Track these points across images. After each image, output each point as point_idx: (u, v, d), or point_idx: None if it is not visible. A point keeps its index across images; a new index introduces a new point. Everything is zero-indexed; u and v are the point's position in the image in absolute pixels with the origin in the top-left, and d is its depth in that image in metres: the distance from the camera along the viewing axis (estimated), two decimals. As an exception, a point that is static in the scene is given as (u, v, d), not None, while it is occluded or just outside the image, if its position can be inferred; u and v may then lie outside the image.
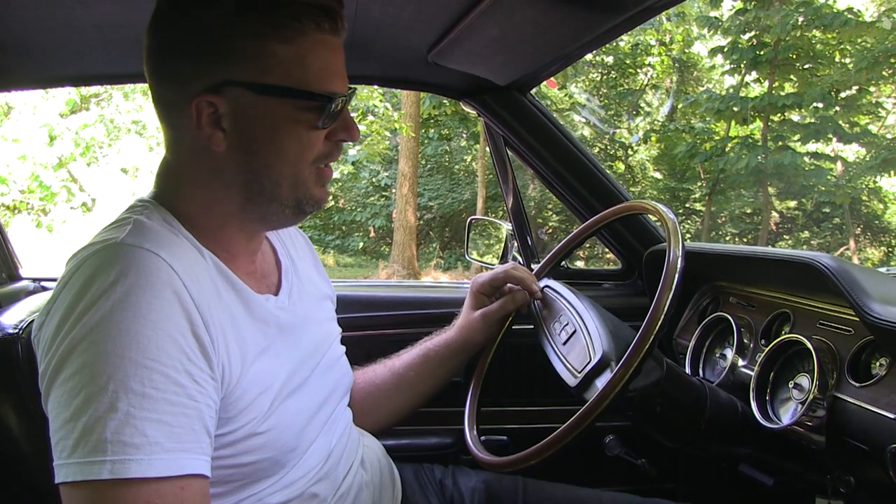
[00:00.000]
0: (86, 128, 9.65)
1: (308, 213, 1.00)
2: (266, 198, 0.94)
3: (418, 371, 1.38)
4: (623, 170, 16.09)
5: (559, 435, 1.02)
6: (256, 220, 0.98)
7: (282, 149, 0.91)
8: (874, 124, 14.27)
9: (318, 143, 0.94)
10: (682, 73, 16.27)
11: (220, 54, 0.88)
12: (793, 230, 16.14)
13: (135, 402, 0.75)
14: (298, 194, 0.95)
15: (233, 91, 0.88)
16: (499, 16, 1.24)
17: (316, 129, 0.92)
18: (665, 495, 1.36)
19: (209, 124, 0.89)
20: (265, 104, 0.89)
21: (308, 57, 0.89)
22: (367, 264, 15.24)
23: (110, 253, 0.83)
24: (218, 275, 0.93)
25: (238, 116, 0.89)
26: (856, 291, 1.09)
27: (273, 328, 1.00)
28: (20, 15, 1.27)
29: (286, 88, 0.89)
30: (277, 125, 0.90)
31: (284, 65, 0.88)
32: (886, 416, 1.07)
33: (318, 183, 0.97)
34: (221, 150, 0.91)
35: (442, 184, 16.29)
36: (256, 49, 0.87)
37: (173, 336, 0.80)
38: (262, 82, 0.88)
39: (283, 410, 0.95)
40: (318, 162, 0.96)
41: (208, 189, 0.94)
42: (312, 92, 0.90)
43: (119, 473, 0.73)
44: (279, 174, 0.93)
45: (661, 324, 1.00)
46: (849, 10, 12.07)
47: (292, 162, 0.93)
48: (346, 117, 0.96)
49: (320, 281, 1.23)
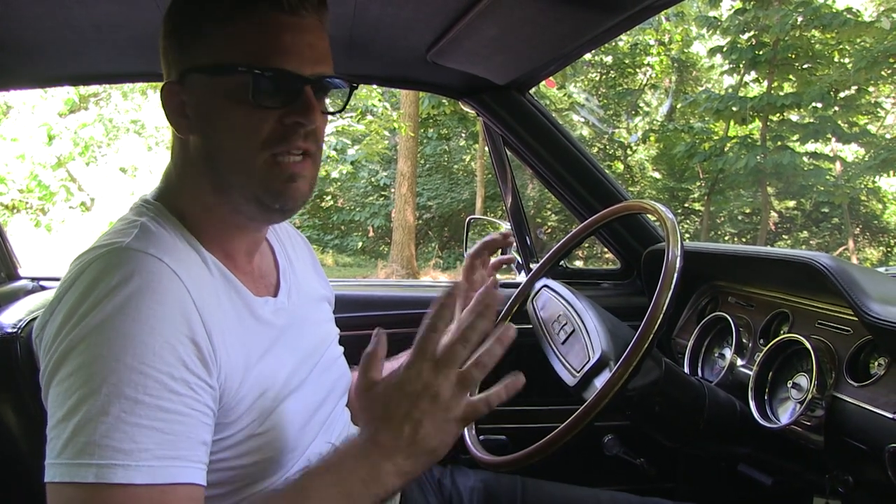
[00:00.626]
0: (84, 127, 9.64)
1: (277, 210, 0.95)
2: (227, 185, 0.94)
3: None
4: (622, 169, 16.08)
5: (558, 434, 1.02)
6: (231, 211, 0.96)
7: (228, 128, 0.91)
8: (873, 124, 14.26)
9: (265, 123, 0.90)
10: (681, 73, 16.25)
11: (181, 43, 0.92)
12: (792, 230, 16.13)
13: (127, 407, 0.75)
14: (254, 185, 0.92)
15: (191, 77, 0.92)
16: (497, 15, 1.24)
17: (261, 108, 0.89)
18: (664, 495, 1.36)
19: (176, 113, 0.93)
20: (211, 85, 0.90)
21: (251, 35, 0.88)
22: (365, 264, 15.22)
23: (116, 257, 0.83)
24: (221, 278, 0.94)
25: (195, 102, 0.92)
26: (854, 291, 1.09)
27: (273, 330, 1.00)
28: (19, 14, 1.27)
29: (222, 66, 0.89)
30: (222, 104, 0.90)
31: (229, 45, 0.89)
32: (885, 415, 1.07)
33: (278, 175, 0.92)
34: (188, 138, 0.94)
35: (441, 183, 16.27)
36: (206, 33, 0.89)
37: (171, 343, 0.79)
38: (207, 64, 0.90)
39: (281, 411, 0.95)
40: (270, 147, 0.91)
41: (191, 180, 0.96)
42: (244, 65, 0.88)
43: (104, 478, 0.73)
44: (230, 158, 0.92)
45: (659, 323, 1.00)
46: (848, 10, 12.05)
47: (240, 144, 0.91)
48: (303, 100, 0.91)
49: (318, 282, 1.22)
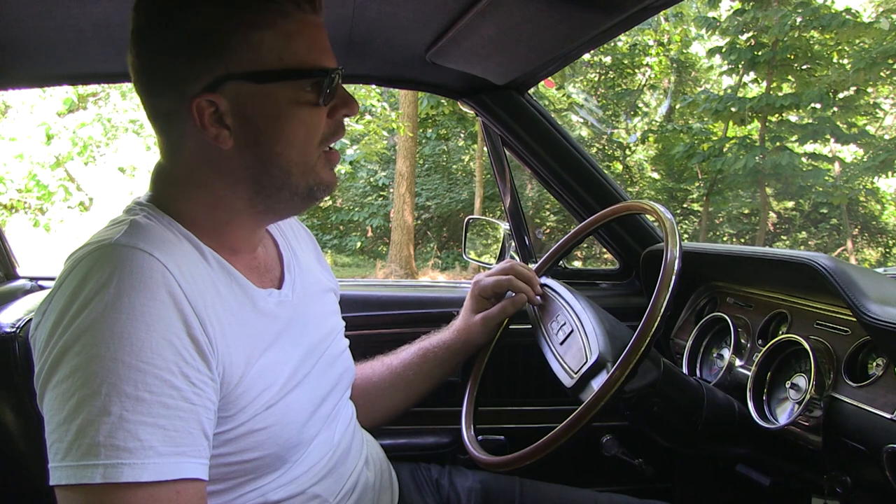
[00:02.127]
0: (83, 127, 9.64)
1: (319, 200, 1.00)
2: (276, 187, 0.94)
3: (416, 371, 1.39)
4: (621, 170, 16.08)
5: (556, 435, 1.02)
6: (264, 211, 0.98)
7: (288, 134, 0.91)
8: (872, 125, 14.28)
9: (321, 122, 0.94)
10: (680, 74, 16.26)
11: (210, 52, 0.87)
12: (790, 231, 16.14)
13: (128, 405, 0.75)
14: (309, 180, 0.95)
15: (230, 86, 0.88)
16: (496, 15, 1.24)
17: (317, 107, 0.92)
18: (662, 495, 1.36)
19: (212, 124, 0.89)
20: (264, 92, 0.89)
21: (294, 37, 0.89)
22: (364, 264, 15.22)
23: (104, 253, 0.82)
24: (221, 272, 0.93)
25: (240, 110, 0.89)
26: (853, 292, 1.09)
27: (277, 323, 0.99)
28: (17, 13, 1.27)
29: (281, 71, 0.89)
30: (280, 111, 0.90)
31: (274, 49, 0.88)
32: (883, 416, 1.07)
33: (326, 166, 0.97)
34: (229, 147, 0.90)
35: (440, 184, 16.27)
36: (243, 38, 0.87)
37: (168, 338, 0.79)
38: (256, 70, 0.88)
39: (284, 406, 0.95)
40: (325, 143, 0.96)
41: (211, 189, 0.94)
42: (306, 69, 0.90)
43: (111, 478, 0.73)
44: (288, 161, 0.93)
45: (658, 324, 1.00)
46: (847, 11, 12.05)
47: (300, 146, 0.93)
48: (342, 93, 0.96)
49: (323, 273, 1.22)
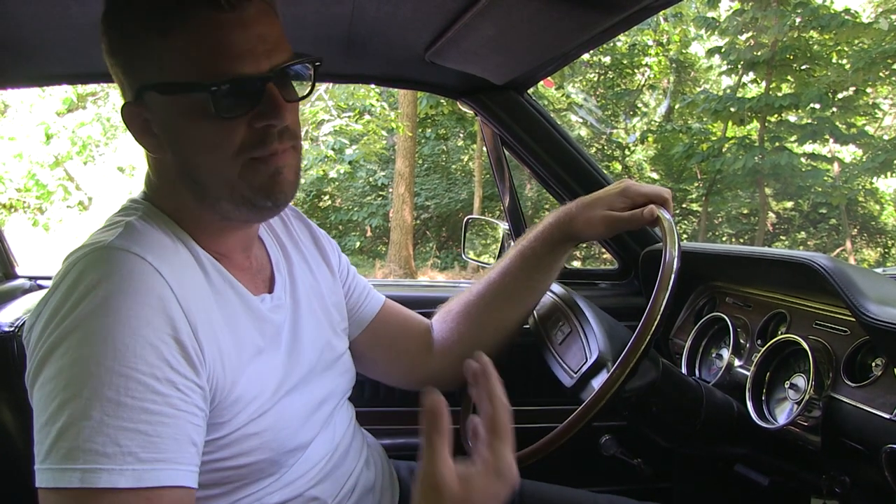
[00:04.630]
0: (82, 126, 9.63)
1: (269, 206, 0.92)
2: (212, 197, 0.91)
3: (515, 276, 1.27)
4: (620, 170, 16.07)
5: (555, 435, 1.02)
6: (220, 218, 0.94)
7: (199, 145, 0.87)
8: (871, 125, 14.27)
9: (235, 132, 0.86)
10: (680, 74, 16.26)
11: (133, 59, 0.86)
12: (789, 231, 16.13)
13: (109, 410, 0.73)
14: (238, 191, 0.89)
15: (148, 96, 0.87)
16: (496, 15, 1.24)
17: (226, 119, 0.84)
18: (660, 495, 1.36)
19: (143, 132, 0.89)
20: (171, 103, 0.86)
21: (197, 44, 0.82)
22: (363, 264, 15.21)
23: (97, 256, 0.82)
24: (216, 276, 0.92)
25: (159, 120, 0.88)
26: (852, 292, 1.09)
27: (271, 327, 0.99)
28: (16, 13, 1.27)
29: (174, 84, 0.84)
30: (185, 122, 0.86)
31: (178, 58, 0.83)
32: (882, 416, 1.07)
33: (261, 174, 0.88)
34: (161, 155, 0.91)
35: (439, 183, 16.26)
36: (148, 48, 0.84)
37: (153, 343, 0.78)
38: (161, 81, 0.85)
39: (278, 411, 0.94)
40: (246, 153, 0.87)
41: (173, 192, 0.93)
42: (193, 82, 0.83)
43: (89, 482, 0.72)
44: (207, 172, 0.89)
45: (657, 324, 1.00)
46: (846, 11, 12.04)
47: (214, 158, 0.87)
48: (269, 97, 0.85)
49: (320, 263, 1.18)
